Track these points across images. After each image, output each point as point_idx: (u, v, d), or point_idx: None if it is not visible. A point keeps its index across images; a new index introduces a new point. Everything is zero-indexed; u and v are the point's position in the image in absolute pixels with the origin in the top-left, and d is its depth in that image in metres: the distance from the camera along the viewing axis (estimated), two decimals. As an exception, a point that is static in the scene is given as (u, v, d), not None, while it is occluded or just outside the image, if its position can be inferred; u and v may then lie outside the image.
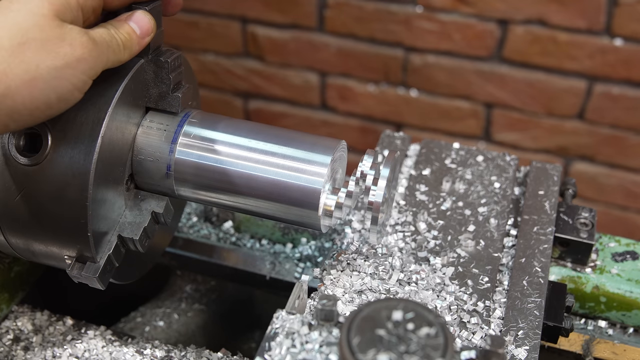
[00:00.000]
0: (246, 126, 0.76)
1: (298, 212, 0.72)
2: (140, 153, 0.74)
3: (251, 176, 0.72)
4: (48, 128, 0.67)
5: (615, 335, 0.87)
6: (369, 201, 0.71)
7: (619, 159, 1.83)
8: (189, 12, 1.98)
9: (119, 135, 0.70)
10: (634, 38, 1.64)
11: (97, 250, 0.71)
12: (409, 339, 0.54)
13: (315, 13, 1.86)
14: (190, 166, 0.74)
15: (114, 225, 0.73)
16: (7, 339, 0.82)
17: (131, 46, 0.68)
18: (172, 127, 0.74)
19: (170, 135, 0.74)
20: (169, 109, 0.74)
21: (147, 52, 0.72)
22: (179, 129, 0.74)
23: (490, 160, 0.93)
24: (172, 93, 0.74)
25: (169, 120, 0.75)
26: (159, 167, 0.74)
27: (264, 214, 0.75)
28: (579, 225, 0.88)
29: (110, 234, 0.73)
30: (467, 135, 1.94)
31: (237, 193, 0.74)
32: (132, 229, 0.74)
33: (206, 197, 0.76)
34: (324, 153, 0.73)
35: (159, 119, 0.75)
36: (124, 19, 0.69)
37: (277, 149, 0.73)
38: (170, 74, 0.73)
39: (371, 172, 0.73)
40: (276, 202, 0.73)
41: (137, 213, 0.75)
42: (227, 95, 2.12)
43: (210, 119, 0.76)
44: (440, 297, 0.75)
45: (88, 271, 0.71)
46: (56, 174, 0.67)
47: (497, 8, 1.70)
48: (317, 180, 0.71)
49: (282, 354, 0.61)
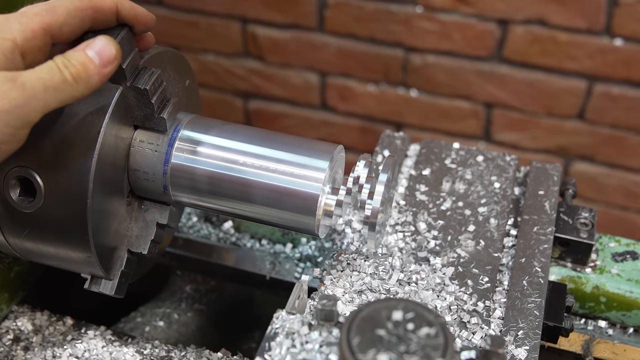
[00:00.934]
0: (239, 137, 0.74)
1: (296, 218, 0.72)
2: (135, 174, 0.74)
3: (248, 188, 0.72)
4: (35, 172, 0.68)
5: (615, 335, 0.87)
6: (365, 215, 0.71)
7: (619, 159, 1.83)
8: (189, 12, 1.98)
9: (110, 163, 0.70)
10: (634, 38, 1.64)
11: (110, 269, 0.74)
12: (409, 339, 0.54)
13: (315, 13, 1.86)
14: (186, 187, 0.74)
15: (122, 240, 0.75)
16: (7, 339, 0.82)
17: (87, 78, 0.61)
18: (162, 148, 0.73)
19: (161, 156, 0.73)
20: (156, 128, 0.73)
21: (124, 79, 0.68)
22: (170, 149, 0.73)
23: (490, 160, 0.93)
24: (158, 115, 0.71)
25: (158, 140, 0.73)
26: (156, 185, 0.74)
27: (262, 220, 0.75)
28: (579, 225, 0.88)
29: (120, 249, 0.75)
30: (467, 135, 1.94)
31: (235, 207, 0.74)
32: (140, 243, 0.76)
33: (206, 206, 0.76)
34: (321, 158, 0.72)
35: (148, 137, 0.73)
36: (81, 48, 0.62)
37: (274, 154, 0.72)
38: (151, 99, 0.70)
39: (367, 185, 0.72)
40: (274, 209, 0.72)
41: (142, 225, 0.77)
42: (227, 95, 2.11)
43: (201, 132, 0.74)
44: (440, 297, 0.75)
45: (104, 289, 0.74)
46: (56, 215, 0.69)
47: (497, 8, 1.70)
48: (315, 186, 0.71)
49: (282, 354, 0.61)
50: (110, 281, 0.74)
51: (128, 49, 0.67)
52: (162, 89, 0.71)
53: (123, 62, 0.67)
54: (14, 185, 0.69)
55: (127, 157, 0.73)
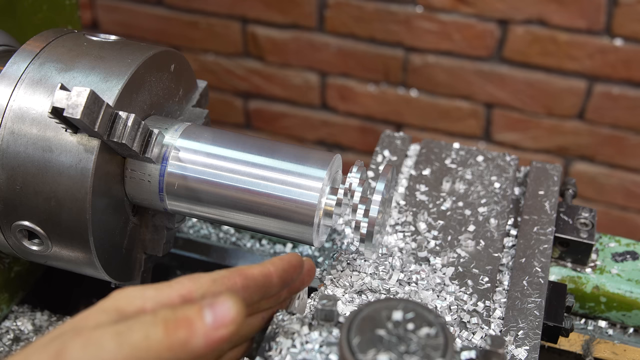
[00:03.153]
0: (233, 150, 0.73)
1: (293, 227, 0.72)
2: (134, 200, 0.76)
3: (244, 201, 0.72)
4: (36, 225, 0.71)
5: (615, 335, 0.87)
6: (362, 233, 0.71)
7: (619, 159, 1.83)
8: (189, 12, 1.98)
9: (105, 205, 0.72)
10: (634, 38, 1.64)
11: (132, 275, 0.79)
12: (409, 339, 0.54)
13: (315, 13, 1.86)
14: (185, 207, 0.75)
15: (138, 245, 0.79)
16: (7, 339, 0.82)
17: (186, 344, 0.50)
18: (154, 178, 0.73)
19: (155, 185, 0.73)
20: (145, 162, 0.73)
21: (101, 135, 0.66)
22: (162, 179, 0.73)
23: (490, 160, 0.93)
24: (142, 155, 0.71)
25: (149, 170, 0.73)
26: (156, 207, 0.76)
27: (261, 230, 0.75)
28: (579, 225, 0.88)
29: (136, 252, 0.79)
30: (467, 135, 1.94)
31: (234, 218, 0.74)
32: (154, 246, 0.80)
33: (207, 217, 0.77)
34: (319, 167, 0.71)
35: (139, 168, 0.73)
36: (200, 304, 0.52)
37: (270, 163, 0.72)
38: (132, 147, 0.69)
39: (362, 205, 0.71)
40: (271, 219, 0.73)
41: (152, 230, 0.80)
42: (227, 95, 2.12)
43: (188, 160, 0.73)
44: (440, 297, 0.75)
45: None
46: (66, 255, 0.73)
47: (497, 8, 1.70)
48: (312, 195, 0.70)
49: (282, 354, 0.61)
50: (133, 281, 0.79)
51: (96, 110, 0.65)
52: (141, 130, 0.69)
53: (94, 126, 0.65)
54: (22, 235, 0.73)
55: (123, 188, 0.74)
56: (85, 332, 0.49)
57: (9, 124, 0.69)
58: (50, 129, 0.68)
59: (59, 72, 0.71)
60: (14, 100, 0.70)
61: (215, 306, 0.51)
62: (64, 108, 0.63)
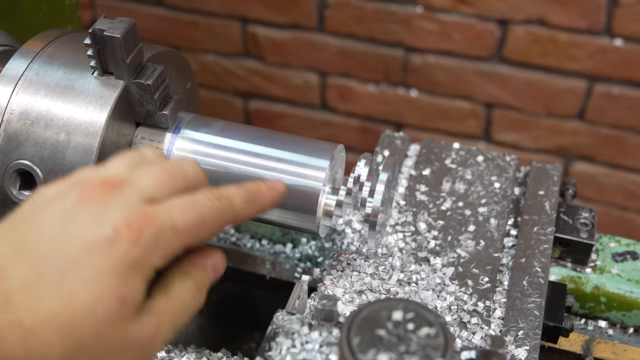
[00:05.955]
0: (240, 136, 0.74)
1: (296, 216, 0.72)
2: None
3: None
4: (36, 165, 0.68)
5: (615, 335, 0.87)
6: (366, 212, 0.71)
7: (619, 159, 1.83)
8: (189, 12, 1.98)
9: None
10: (634, 38, 1.64)
11: None
12: (409, 339, 0.54)
13: (315, 13, 1.86)
14: None
15: None
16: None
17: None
18: (164, 145, 0.74)
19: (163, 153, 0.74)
20: (158, 125, 0.73)
21: (128, 74, 0.69)
22: (171, 147, 0.74)
23: (490, 161, 0.93)
24: (160, 111, 0.72)
25: (159, 137, 0.74)
26: None
27: (263, 219, 0.75)
28: (579, 225, 0.88)
29: None
30: (467, 135, 1.94)
31: None
32: None
33: None
34: (322, 157, 0.72)
35: (149, 134, 0.74)
36: (202, 263, 0.55)
37: (275, 153, 0.72)
38: (154, 95, 0.70)
39: (368, 183, 0.72)
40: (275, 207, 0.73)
41: None
42: (227, 96, 2.11)
43: (202, 131, 0.74)
44: (440, 297, 0.75)
45: None
46: None
47: (497, 8, 1.70)
48: (315, 185, 0.71)
49: (282, 354, 0.61)
50: None
51: (132, 44, 0.68)
52: (164, 86, 0.72)
53: (127, 57, 0.67)
54: (14, 180, 0.70)
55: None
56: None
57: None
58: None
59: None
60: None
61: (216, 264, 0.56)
62: (105, 28, 0.67)
